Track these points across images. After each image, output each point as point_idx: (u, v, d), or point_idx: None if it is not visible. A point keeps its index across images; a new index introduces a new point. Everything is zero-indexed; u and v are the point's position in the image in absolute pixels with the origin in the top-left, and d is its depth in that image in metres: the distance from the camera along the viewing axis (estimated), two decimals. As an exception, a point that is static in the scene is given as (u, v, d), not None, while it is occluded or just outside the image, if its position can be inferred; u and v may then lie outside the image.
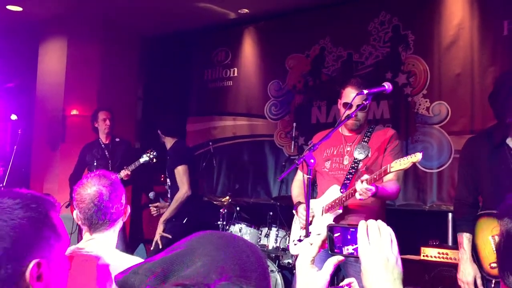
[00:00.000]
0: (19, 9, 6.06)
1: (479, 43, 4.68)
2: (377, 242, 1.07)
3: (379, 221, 1.12)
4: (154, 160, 4.47)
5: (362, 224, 1.11)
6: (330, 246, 1.18)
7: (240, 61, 6.44)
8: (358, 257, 1.10)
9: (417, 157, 2.40)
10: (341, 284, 1.30)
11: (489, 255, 2.43)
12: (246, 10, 6.03)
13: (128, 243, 4.58)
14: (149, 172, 4.60)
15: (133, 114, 6.91)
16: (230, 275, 0.84)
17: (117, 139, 4.88)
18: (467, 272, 2.53)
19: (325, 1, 5.64)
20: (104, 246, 1.77)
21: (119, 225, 1.84)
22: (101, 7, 5.95)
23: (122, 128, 5.61)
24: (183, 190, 4.15)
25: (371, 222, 1.11)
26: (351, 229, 1.14)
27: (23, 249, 0.99)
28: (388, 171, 2.52)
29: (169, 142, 4.39)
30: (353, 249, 1.13)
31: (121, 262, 1.69)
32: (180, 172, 4.19)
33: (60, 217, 1.11)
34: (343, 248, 1.16)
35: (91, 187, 1.77)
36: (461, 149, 2.79)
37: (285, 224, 4.68)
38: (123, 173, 4.37)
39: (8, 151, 5.67)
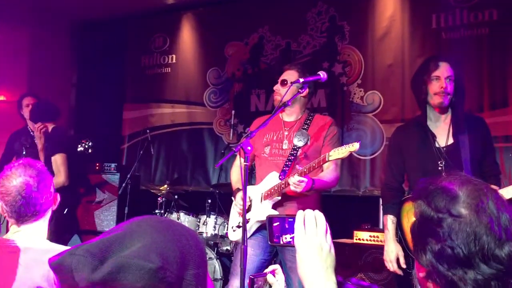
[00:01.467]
0: None
1: (410, 35, 4.90)
2: (312, 232, 1.11)
3: (316, 211, 1.16)
4: (90, 150, 4.32)
5: (299, 214, 1.15)
6: (270, 236, 1.21)
7: (178, 47, 6.34)
8: (294, 246, 1.14)
9: (355, 146, 2.49)
10: (265, 271, 1.34)
11: None
12: (185, -4, 5.94)
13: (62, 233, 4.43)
14: (84, 161, 4.45)
15: (67, 101, 6.66)
16: (171, 257, 0.84)
17: None
18: (390, 250, 2.69)
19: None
20: (33, 237, 1.70)
21: (48, 214, 1.78)
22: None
23: (54, 115, 5.38)
24: (60, 179, 4.00)
25: (308, 212, 1.15)
26: (289, 219, 1.19)
27: None
28: (327, 159, 2.59)
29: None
30: (290, 238, 1.18)
31: (50, 252, 1.64)
32: (58, 160, 4.06)
33: None
34: (281, 238, 1.20)
35: (17, 178, 1.68)
36: (390, 137, 2.93)
37: (224, 211, 4.70)
38: None
39: None
